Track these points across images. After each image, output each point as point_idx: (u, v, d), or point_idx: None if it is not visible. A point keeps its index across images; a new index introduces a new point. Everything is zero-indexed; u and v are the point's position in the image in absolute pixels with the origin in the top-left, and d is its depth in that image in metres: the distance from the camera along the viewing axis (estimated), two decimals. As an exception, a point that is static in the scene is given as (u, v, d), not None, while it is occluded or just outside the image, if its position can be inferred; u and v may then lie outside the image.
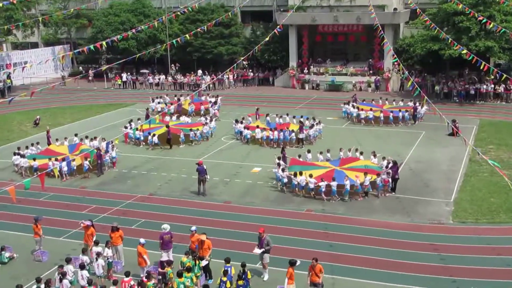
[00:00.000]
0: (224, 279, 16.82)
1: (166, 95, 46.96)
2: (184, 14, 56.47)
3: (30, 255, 20.62)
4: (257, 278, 18.47)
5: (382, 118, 38.57)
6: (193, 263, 17.75)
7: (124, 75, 57.51)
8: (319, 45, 56.61)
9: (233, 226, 22.91)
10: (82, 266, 17.67)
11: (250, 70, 57.82)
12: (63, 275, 17.15)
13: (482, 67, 34.67)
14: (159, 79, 56.57)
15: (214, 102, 42.68)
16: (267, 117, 37.28)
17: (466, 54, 36.46)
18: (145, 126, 35.51)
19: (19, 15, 54.35)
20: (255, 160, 31.42)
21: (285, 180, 26.53)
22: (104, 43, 37.80)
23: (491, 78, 45.52)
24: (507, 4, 43.71)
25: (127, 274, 17.40)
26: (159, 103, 43.82)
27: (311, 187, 25.53)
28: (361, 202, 25.13)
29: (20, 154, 30.26)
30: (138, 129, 35.17)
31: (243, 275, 16.85)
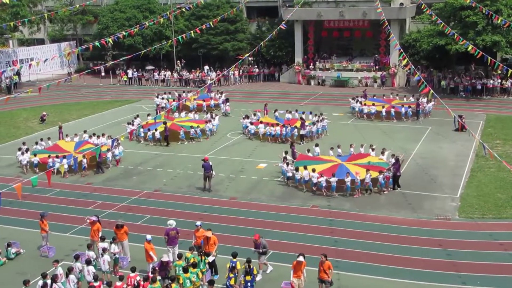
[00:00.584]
0: (231, 275, 16.87)
1: (175, 91, 47.02)
2: (190, 10, 56.52)
3: (36, 250, 20.73)
4: (260, 274, 18.50)
5: (384, 113, 38.53)
6: (198, 259, 17.78)
7: (129, 72, 57.61)
8: (324, 40, 56.48)
9: (238, 222, 22.93)
10: (88, 262, 17.74)
11: (256, 66, 57.80)
12: (69, 270, 17.23)
13: (489, 62, 34.49)
14: (165, 75, 56.62)
15: (226, 100, 42.37)
16: (276, 112, 37.23)
17: (473, 49, 36.28)
18: (151, 121, 35.49)
19: (25, 11, 54.50)
20: (260, 156, 31.41)
21: (289, 174, 26.65)
22: (110, 39, 37.85)
23: (498, 73, 45.28)
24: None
25: (133, 269, 17.47)
26: (162, 98, 43.81)
27: (314, 181, 25.59)
28: (366, 198, 25.08)
29: (22, 150, 30.46)
30: (142, 126, 35.18)
31: (250, 271, 16.90)
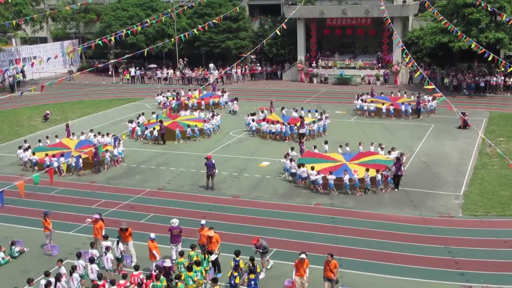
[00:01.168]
0: (235, 273, 16.87)
1: (181, 89, 47.11)
2: (192, 8, 56.50)
3: (40, 249, 20.78)
4: (264, 272, 18.49)
5: (384, 110, 38.55)
6: (202, 257, 17.79)
7: (132, 70, 57.64)
8: (327, 38, 56.38)
9: (241, 220, 22.94)
10: (91, 260, 17.76)
11: (258, 64, 57.76)
12: (73, 269, 17.26)
13: (492, 59, 34.39)
14: (167, 73, 56.64)
15: (235, 99, 42.06)
16: (283, 110, 37.19)
17: (476, 46, 36.17)
18: (153, 120, 35.52)
19: (28, 9, 54.43)
20: (263, 154, 31.40)
21: (292, 170, 26.81)
22: (112, 38, 37.86)
23: (501, 70, 45.16)
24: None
25: (136, 268, 17.50)
26: (164, 97, 43.82)
27: (312, 179, 25.66)
28: (369, 196, 25.05)
29: (23, 148, 30.69)
30: (143, 124, 35.19)
31: (254, 269, 16.91)
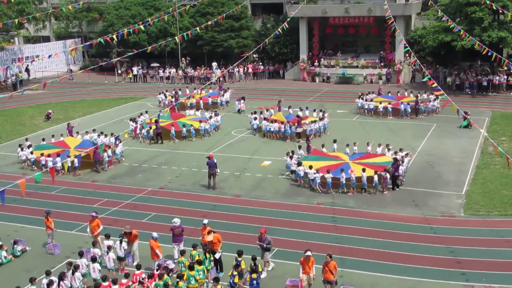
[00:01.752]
0: (235, 272, 16.89)
1: (186, 87, 47.09)
2: (195, 7, 56.49)
3: (42, 248, 20.83)
4: (265, 271, 18.49)
5: (381, 109, 38.62)
6: (204, 257, 17.78)
7: (134, 69, 57.68)
8: (329, 37, 56.32)
9: (243, 219, 22.95)
10: (93, 259, 17.81)
11: (261, 63, 57.73)
12: (75, 268, 17.30)
13: (494, 58, 34.31)
14: (170, 72, 56.66)
15: (242, 98, 41.93)
16: (290, 109, 37.17)
17: (479, 45, 36.08)
18: (154, 119, 35.59)
19: (30, 8, 54.55)
20: (265, 154, 31.40)
21: (292, 168, 26.94)
22: (114, 36, 37.89)
23: (504, 69, 45.05)
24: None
25: (138, 267, 17.54)
26: (168, 95, 43.84)
27: (310, 178, 25.75)
28: (371, 195, 25.03)
29: (22, 146, 30.90)
30: (146, 123, 35.26)
31: (255, 268, 16.91)
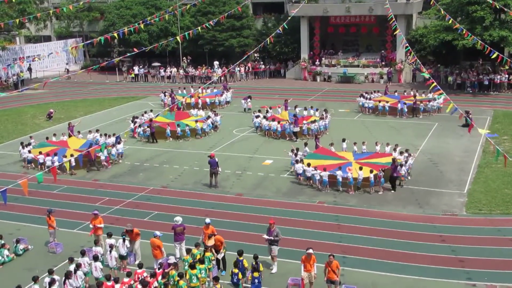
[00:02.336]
0: (236, 271, 16.89)
1: (191, 86, 47.10)
2: (196, 7, 56.48)
3: (44, 246, 20.84)
4: (267, 271, 18.46)
5: (380, 108, 38.78)
6: (205, 256, 17.76)
7: (136, 68, 57.69)
8: (331, 36, 56.31)
9: (245, 218, 22.96)
10: (95, 258, 17.81)
11: (262, 63, 57.73)
12: (77, 266, 17.31)
13: (496, 57, 34.30)
14: (171, 72, 56.68)
15: (248, 97, 41.84)
16: (296, 108, 37.15)
17: (480, 44, 36.07)
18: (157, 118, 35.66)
19: (31, 8, 54.57)
20: (266, 153, 31.41)
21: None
22: (115, 35, 37.90)
23: (505, 68, 45.01)
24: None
25: (140, 265, 17.54)
26: (165, 95, 43.92)
27: (308, 175, 25.83)
28: (373, 194, 25.00)
29: (23, 144, 30.96)
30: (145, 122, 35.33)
31: (257, 267, 16.90)
